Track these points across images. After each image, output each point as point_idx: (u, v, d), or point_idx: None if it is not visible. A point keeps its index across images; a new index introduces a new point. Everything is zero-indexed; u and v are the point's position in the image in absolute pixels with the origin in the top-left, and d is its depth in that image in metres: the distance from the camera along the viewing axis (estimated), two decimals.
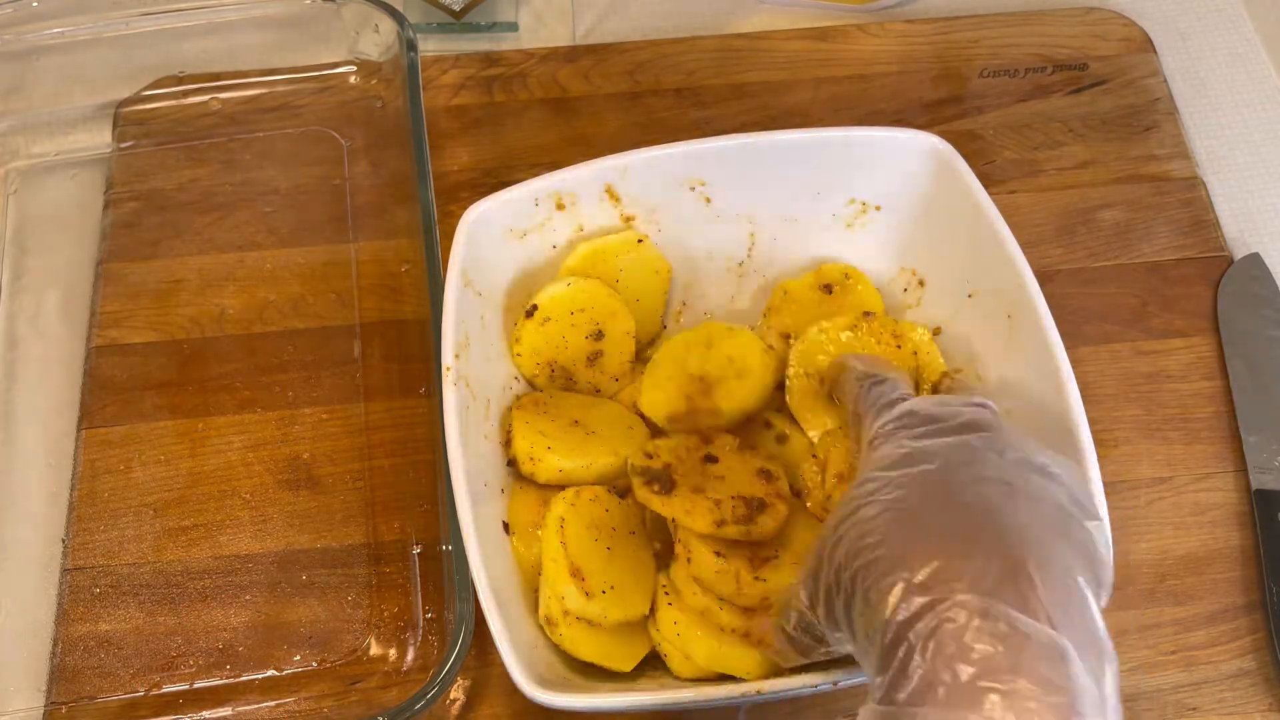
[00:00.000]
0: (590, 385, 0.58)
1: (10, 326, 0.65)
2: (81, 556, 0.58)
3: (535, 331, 0.56)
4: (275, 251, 0.67)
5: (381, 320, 0.64)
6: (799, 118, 0.71)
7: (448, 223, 0.58)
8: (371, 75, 0.71)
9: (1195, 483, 0.61)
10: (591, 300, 0.57)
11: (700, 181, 0.59)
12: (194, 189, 0.68)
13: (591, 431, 0.55)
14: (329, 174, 0.69)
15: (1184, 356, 0.64)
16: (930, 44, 0.75)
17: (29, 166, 0.70)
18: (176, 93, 0.71)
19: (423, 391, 0.61)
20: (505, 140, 0.71)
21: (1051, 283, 0.65)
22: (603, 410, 0.57)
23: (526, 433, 0.54)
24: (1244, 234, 0.69)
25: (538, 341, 0.56)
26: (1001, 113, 0.72)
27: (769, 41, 0.75)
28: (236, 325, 0.64)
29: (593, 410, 0.56)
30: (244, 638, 0.56)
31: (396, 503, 0.59)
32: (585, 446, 0.54)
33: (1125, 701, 0.55)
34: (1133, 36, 0.75)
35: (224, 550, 0.58)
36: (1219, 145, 0.73)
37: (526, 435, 0.54)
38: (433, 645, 0.56)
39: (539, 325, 0.56)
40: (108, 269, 0.66)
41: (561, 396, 0.57)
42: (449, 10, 0.74)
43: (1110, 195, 0.69)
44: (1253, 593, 0.58)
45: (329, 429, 0.61)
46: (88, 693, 0.55)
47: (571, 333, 0.57)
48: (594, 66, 0.73)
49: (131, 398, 0.62)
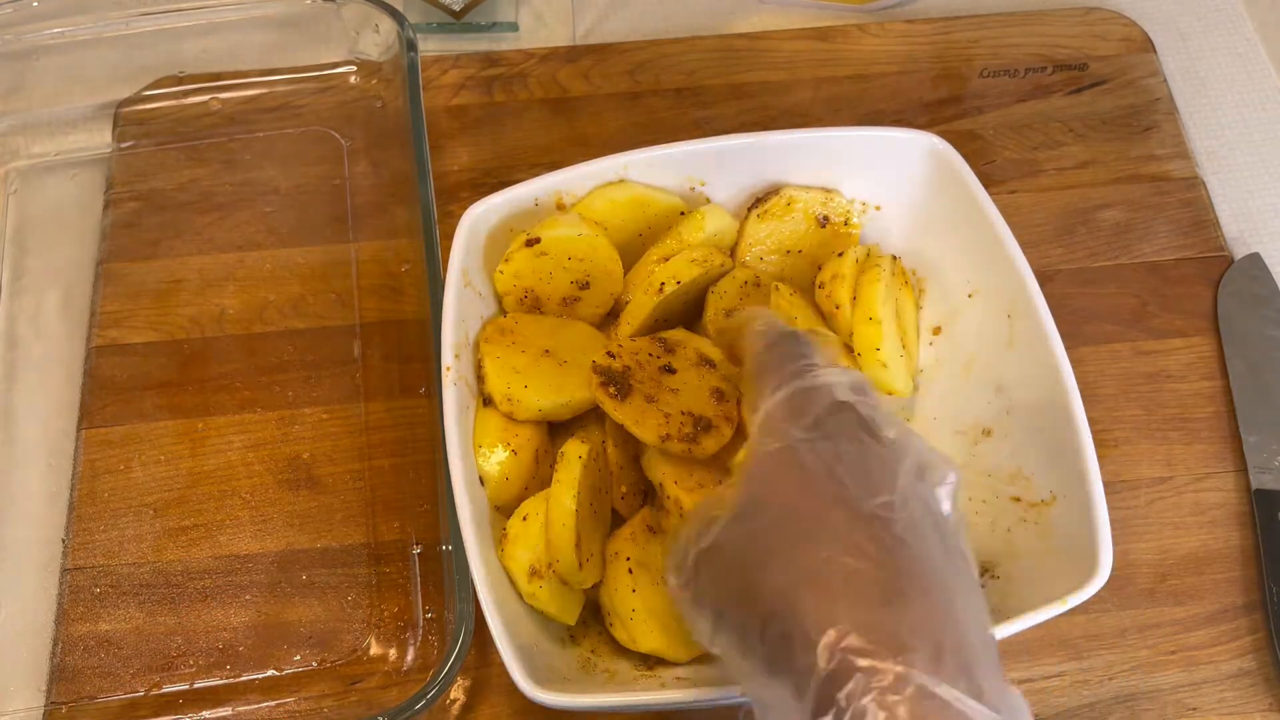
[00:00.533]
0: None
1: (10, 326, 0.65)
2: (81, 556, 0.58)
3: (527, 259, 0.55)
4: (275, 251, 0.67)
5: (381, 320, 0.64)
6: (799, 118, 0.71)
7: (448, 223, 0.58)
8: (371, 75, 0.71)
9: (1195, 483, 0.61)
10: (592, 252, 0.56)
11: (700, 181, 0.59)
12: (194, 189, 0.68)
13: (564, 361, 0.54)
14: (329, 174, 0.69)
15: (1184, 356, 0.64)
16: (930, 44, 0.75)
17: (29, 166, 0.70)
18: (176, 93, 0.71)
19: (423, 391, 0.61)
20: (505, 140, 0.71)
21: (1051, 283, 0.65)
22: (572, 333, 0.56)
23: (500, 370, 0.53)
24: (1244, 234, 0.69)
25: (525, 269, 0.55)
26: (1001, 113, 0.72)
27: (769, 41, 0.75)
28: (236, 325, 0.64)
29: (562, 334, 0.56)
30: (244, 638, 0.56)
31: (396, 503, 0.59)
32: (562, 382, 0.53)
33: (1125, 701, 0.55)
34: (1133, 36, 0.75)
35: (224, 550, 0.58)
36: (1219, 145, 0.73)
37: (501, 374, 0.53)
38: (433, 645, 0.56)
39: (534, 255, 0.55)
40: (108, 269, 0.66)
41: (527, 321, 0.56)
42: (449, 10, 0.74)
43: (1110, 195, 0.69)
44: (1253, 593, 0.58)
45: (329, 429, 0.61)
46: (88, 693, 0.55)
47: (560, 273, 0.56)
48: (594, 66, 0.73)
49: (131, 398, 0.62)
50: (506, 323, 0.55)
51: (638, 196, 0.57)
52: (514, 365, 0.53)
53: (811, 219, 0.59)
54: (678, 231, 0.58)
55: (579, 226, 0.56)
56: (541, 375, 0.53)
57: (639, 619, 0.50)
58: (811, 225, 0.59)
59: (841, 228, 0.60)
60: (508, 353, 0.54)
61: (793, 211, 0.59)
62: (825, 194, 0.59)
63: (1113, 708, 0.55)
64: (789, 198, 0.59)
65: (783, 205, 0.59)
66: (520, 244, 0.55)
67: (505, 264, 0.56)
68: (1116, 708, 0.55)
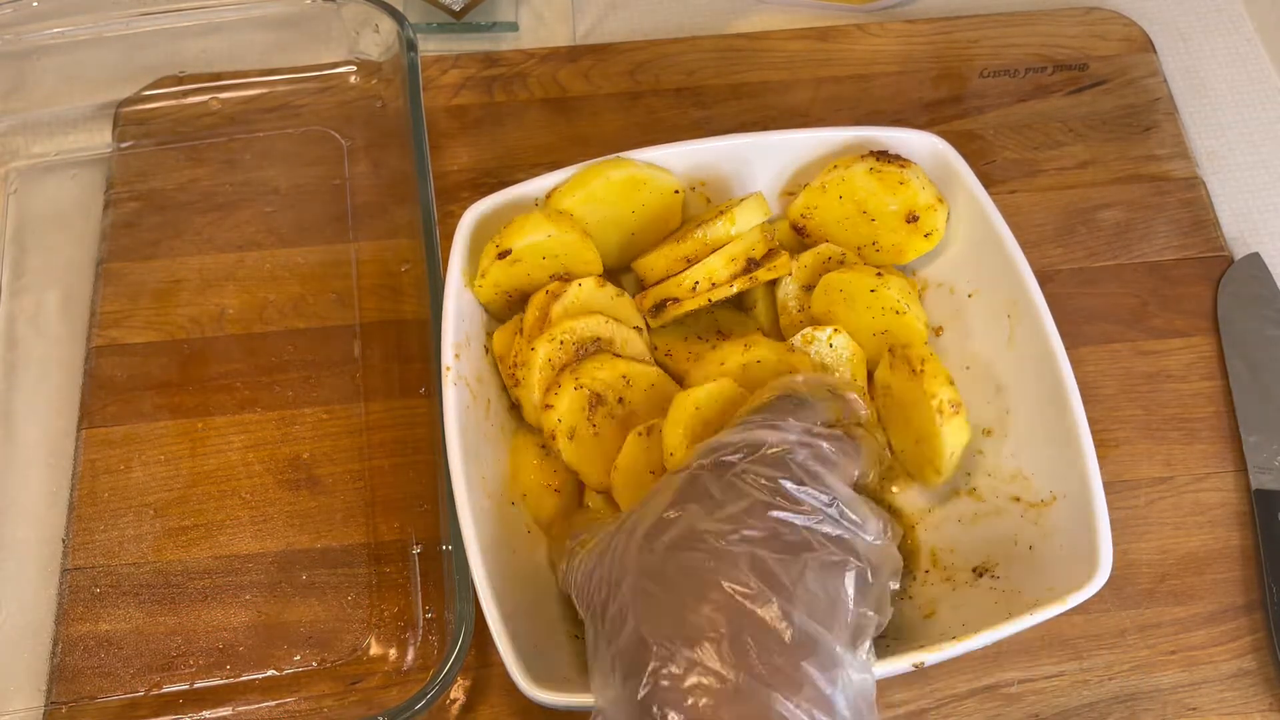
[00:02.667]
0: None
1: (10, 326, 0.65)
2: (81, 556, 0.58)
3: (502, 270, 0.55)
4: (275, 251, 0.67)
5: (381, 320, 0.64)
6: (799, 118, 0.71)
7: (448, 223, 0.58)
8: (371, 75, 0.71)
9: (1195, 483, 0.61)
10: (565, 248, 0.56)
11: (700, 181, 0.59)
12: (194, 189, 0.68)
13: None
14: (329, 174, 0.69)
15: (1184, 356, 0.64)
16: (930, 44, 0.75)
17: (29, 166, 0.70)
18: (176, 93, 0.71)
19: (423, 391, 0.61)
20: (505, 140, 0.71)
21: (1051, 283, 0.65)
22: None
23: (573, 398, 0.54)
24: (1244, 234, 0.69)
25: (501, 278, 0.55)
26: (1001, 113, 0.72)
27: (769, 41, 0.75)
28: (236, 325, 0.64)
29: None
30: (244, 638, 0.56)
31: (396, 503, 0.59)
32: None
33: (1125, 701, 0.55)
34: (1133, 36, 0.75)
35: (224, 550, 0.58)
36: (1219, 145, 0.73)
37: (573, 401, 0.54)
38: (433, 645, 0.56)
39: (508, 265, 0.55)
40: (108, 269, 0.66)
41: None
42: (449, 10, 0.74)
43: (1110, 195, 0.69)
44: (1253, 593, 0.58)
45: (329, 429, 0.61)
46: (88, 693, 0.55)
47: (538, 271, 0.56)
48: (594, 66, 0.73)
49: (131, 398, 0.62)
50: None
51: (635, 177, 0.57)
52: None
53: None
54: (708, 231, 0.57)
55: (546, 228, 0.55)
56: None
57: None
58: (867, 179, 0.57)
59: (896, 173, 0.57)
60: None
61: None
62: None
63: (1113, 708, 0.55)
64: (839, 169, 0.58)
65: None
66: (492, 257, 0.55)
67: (482, 278, 0.55)
68: (1116, 708, 0.55)
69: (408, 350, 0.63)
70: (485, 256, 0.55)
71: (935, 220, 0.57)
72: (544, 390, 0.54)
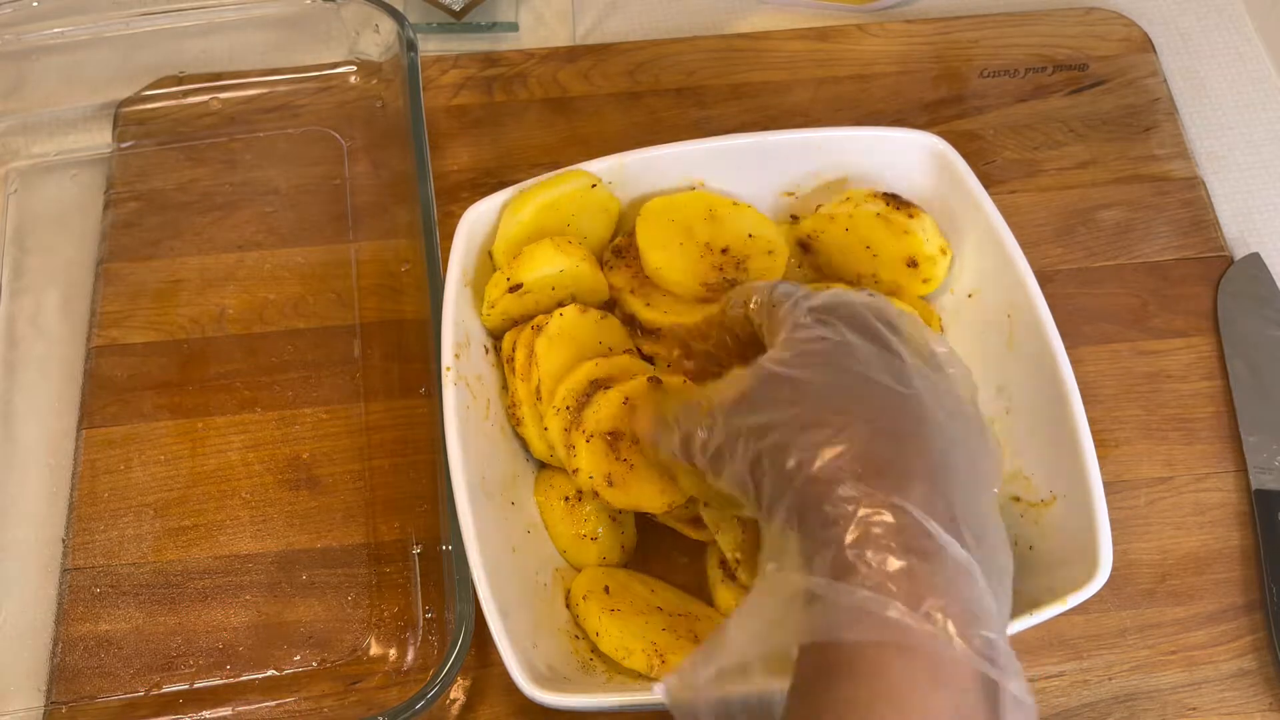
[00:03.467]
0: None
1: (10, 326, 0.65)
2: (81, 556, 0.58)
3: (513, 301, 0.55)
4: (275, 251, 0.67)
5: (381, 320, 0.64)
6: (799, 118, 0.71)
7: (448, 223, 0.58)
8: (371, 75, 0.71)
9: (1195, 483, 0.61)
10: (575, 281, 0.56)
11: (700, 181, 0.59)
12: (194, 189, 0.68)
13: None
14: (329, 174, 0.69)
15: (1184, 356, 0.64)
16: (930, 44, 0.75)
17: (29, 166, 0.70)
18: (176, 93, 0.71)
19: (423, 391, 0.61)
20: (505, 140, 0.71)
21: (1051, 283, 0.65)
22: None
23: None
24: (1244, 234, 0.69)
25: (511, 307, 0.55)
26: (1001, 113, 0.72)
27: (769, 41, 0.75)
28: (236, 325, 0.64)
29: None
30: (244, 638, 0.56)
31: (396, 503, 0.59)
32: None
33: (1125, 701, 0.55)
34: (1133, 36, 0.75)
35: (224, 550, 0.58)
36: (1219, 145, 0.73)
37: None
38: (433, 645, 0.56)
39: (518, 297, 0.55)
40: (108, 269, 0.66)
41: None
42: (449, 10, 0.74)
43: (1110, 195, 0.69)
44: (1253, 593, 0.58)
45: (329, 429, 0.61)
46: (88, 693, 0.55)
47: (546, 298, 0.56)
48: (594, 66, 0.73)
49: (131, 398, 0.62)
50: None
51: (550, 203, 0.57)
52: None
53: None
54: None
55: (558, 261, 0.54)
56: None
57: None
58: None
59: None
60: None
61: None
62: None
63: (1113, 708, 0.55)
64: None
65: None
66: (503, 289, 0.54)
67: (490, 309, 0.55)
68: (1116, 708, 0.55)
69: (408, 350, 0.63)
70: (494, 287, 0.55)
71: (934, 270, 0.57)
72: (568, 452, 0.53)
